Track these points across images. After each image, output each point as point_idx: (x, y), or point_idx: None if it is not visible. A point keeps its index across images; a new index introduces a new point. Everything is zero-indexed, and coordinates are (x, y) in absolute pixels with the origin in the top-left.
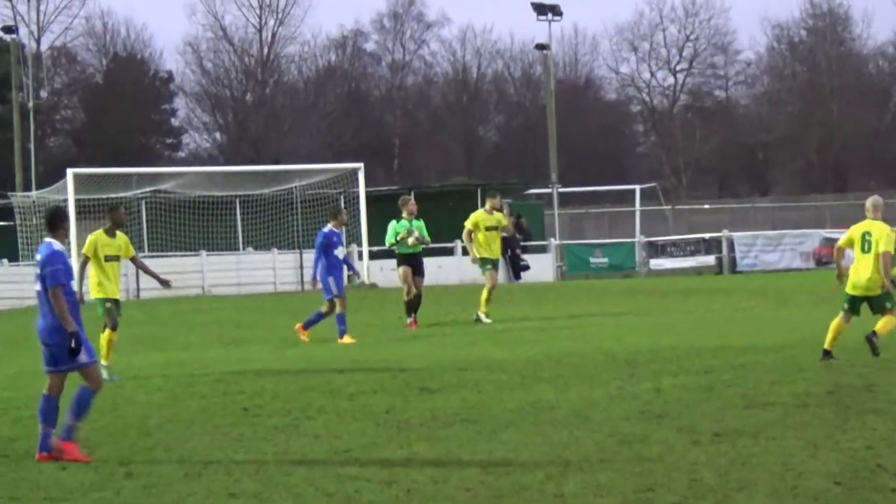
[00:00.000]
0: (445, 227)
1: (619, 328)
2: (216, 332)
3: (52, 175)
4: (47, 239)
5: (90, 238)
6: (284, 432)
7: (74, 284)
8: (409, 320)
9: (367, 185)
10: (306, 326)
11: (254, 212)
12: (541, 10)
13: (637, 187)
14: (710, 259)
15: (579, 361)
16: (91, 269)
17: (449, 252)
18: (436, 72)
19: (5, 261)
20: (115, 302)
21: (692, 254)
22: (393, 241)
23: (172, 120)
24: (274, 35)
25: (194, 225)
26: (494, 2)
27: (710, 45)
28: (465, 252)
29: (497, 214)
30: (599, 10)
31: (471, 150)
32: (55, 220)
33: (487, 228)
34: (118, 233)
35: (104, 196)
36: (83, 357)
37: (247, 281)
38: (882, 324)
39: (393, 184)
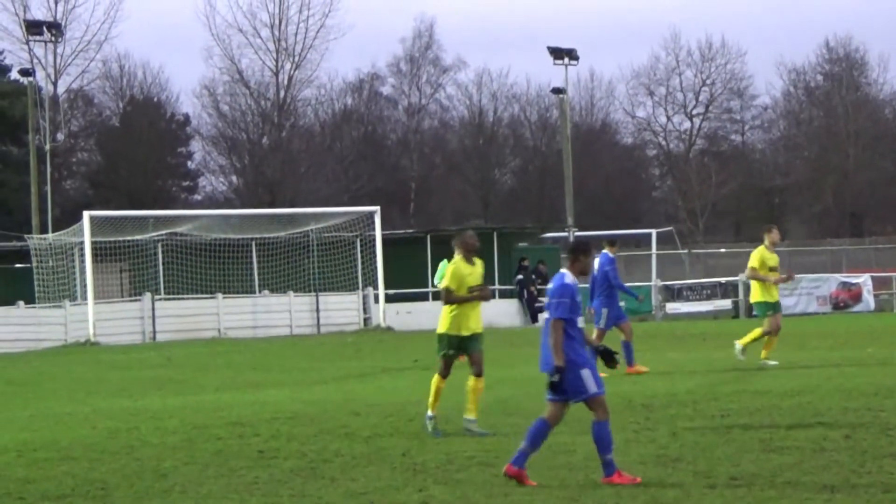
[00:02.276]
0: None
1: (631, 374)
2: (232, 375)
3: (68, 218)
4: (563, 270)
5: (451, 269)
6: (300, 475)
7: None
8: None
9: (383, 228)
10: (630, 363)
11: (270, 255)
12: (557, 54)
13: (653, 231)
14: (727, 303)
15: None
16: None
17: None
18: (452, 115)
19: (21, 303)
20: (471, 338)
21: (708, 297)
22: (439, 282)
23: (189, 163)
24: (290, 78)
25: (210, 268)
26: (511, 46)
27: (727, 89)
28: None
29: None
30: (616, 55)
31: (487, 194)
32: (576, 252)
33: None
34: (475, 259)
35: (120, 238)
36: (591, 388)
37: (263, 324)
38: None
39: (409, 227)
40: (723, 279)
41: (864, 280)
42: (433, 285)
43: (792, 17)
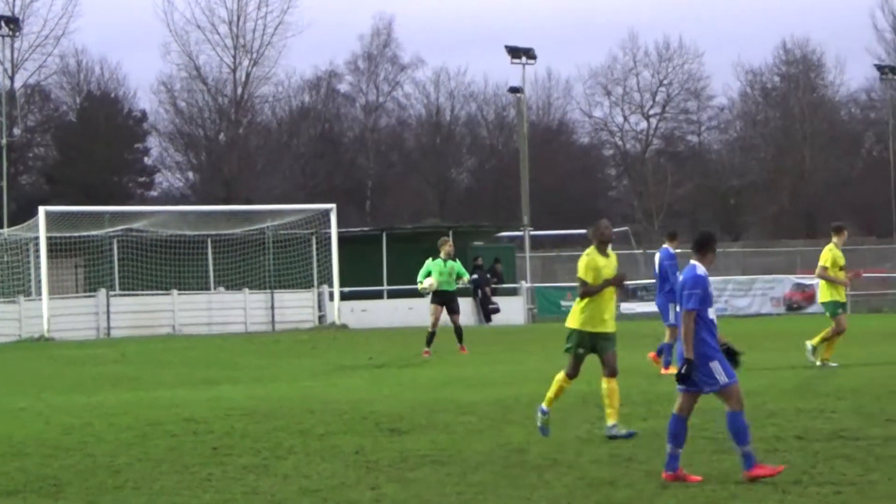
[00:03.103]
0: (417, 269)
1: (589, 372)
2: (186, 372)
3: (24, 213)
4: (693, 262)
5: (585, 261)
6: (254, 472)
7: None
8: (426, 349)
9: (339, 226)
10: (666, 365)
11: (225, 251)
12: (515, 53)
13: None
14: None
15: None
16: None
17: (420, 294)
18: (409, 114)
19: None
20: (605, 337)
21: None
22: (421, 280)
23: (145, 159)
24: (248, 75)
25: (166, 264)
26: (469, 45)
27: (684, 90)
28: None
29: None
30: (573, 55)
31: (443, 193)
32: (704, 244)
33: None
34: (609, 251)
35: (76, 234)
36: (722, 378)
37: (218, 320)
38: None
39: (365, 225)
40: None
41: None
42: (418, 282)
43: (749, 19)
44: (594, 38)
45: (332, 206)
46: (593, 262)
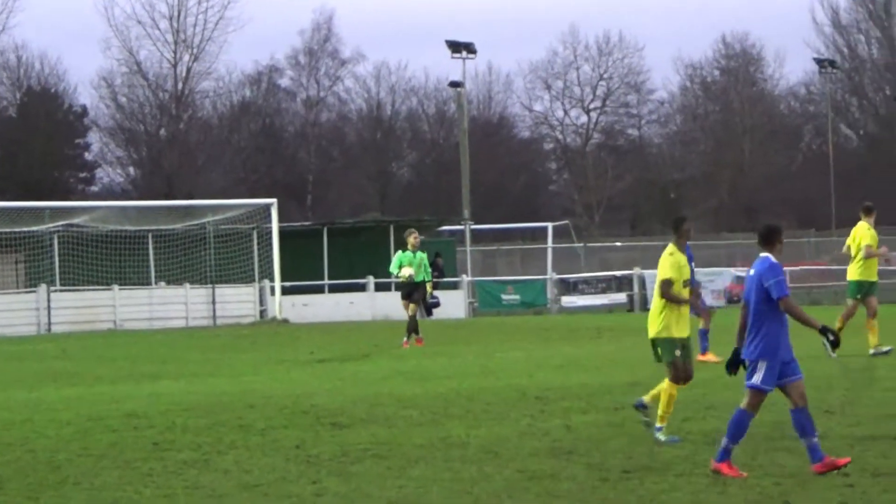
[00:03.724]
0: (358, 263)
1: (530, 365)
2: (127, 367)
3: None
4: (764, 254)
5: (669, 260)
6: (195, 467)
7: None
8: (419, 337)
9: (280, 220)
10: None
11: (166, 246)
12: (455, 48)
13: (549, 225)
14: (622, 296)
15: (490, 398)
16: (658, 300)
17: (361, 288)
18: (350, 108)
19: None
20: (686, 343)
21: (604, 291)
22: (396, 271)
23: (86, 154)
24: (189, 70)
25: (107, 259)
26: (409, 39)
27: (624, 84)
28: (378, 288)
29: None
30: (514, 49)
31: (384, 187)
32: (770, 236)
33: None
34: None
35: (16, 229)
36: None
37: (159, 315)
38: None
39: (306, 220)
40: (618, 273)
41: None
42: (392, 273)
43: (689, 13)
44: (534, 33)
45: (273, 200)
46: (677, 262)
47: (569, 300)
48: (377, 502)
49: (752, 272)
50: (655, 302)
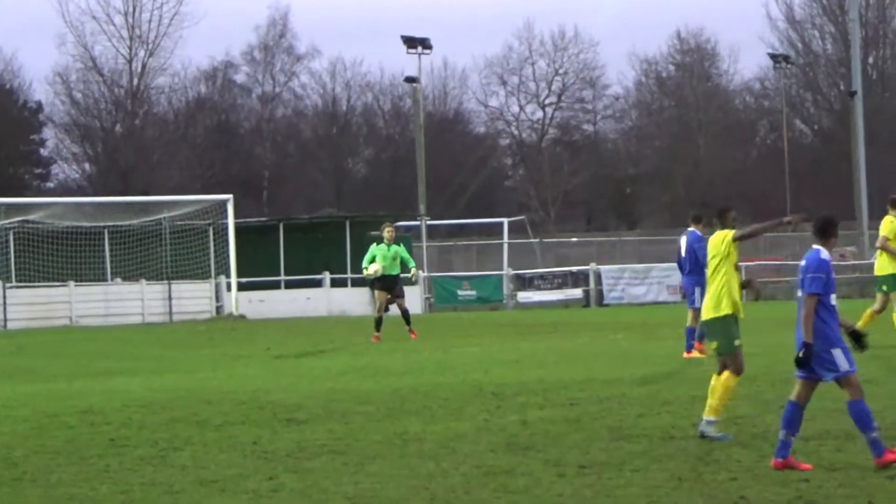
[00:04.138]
0: (314, 259)
1: (486, 360)
2: (83, 363)
3: None
4: (816, 246)
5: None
6: (151, 463)
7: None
8: (376, 334)
9: (235, 216)
10: (688, 349)
11: (122, 243)
12: (411, 43)
13: (505, 220)
14: (578, 292)
15: (446, 394)
16: (720, 275)
17: (317, 284)
18: (306, 104)
19: None
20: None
21: (559, 287)
22: (366, 265)
23: (41, 150)
24: (144, 66)
25: (62, 255)
26: (365, 35)
27: (579, 79)
28: (334, 284)
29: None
30: (469, 44)
31: (340, 183)
32: (827, 228)
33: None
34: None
35: None
36: (843, 366)
37: (115, 312)
38: None
39: (262, 215)
40: (574, 268)
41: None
42: (363, 269)
43: (644, 8)
44: (489, 28)
45: (229, 196)
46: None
47: (525, 296)
48: (333, 498)
49: (803, 262)
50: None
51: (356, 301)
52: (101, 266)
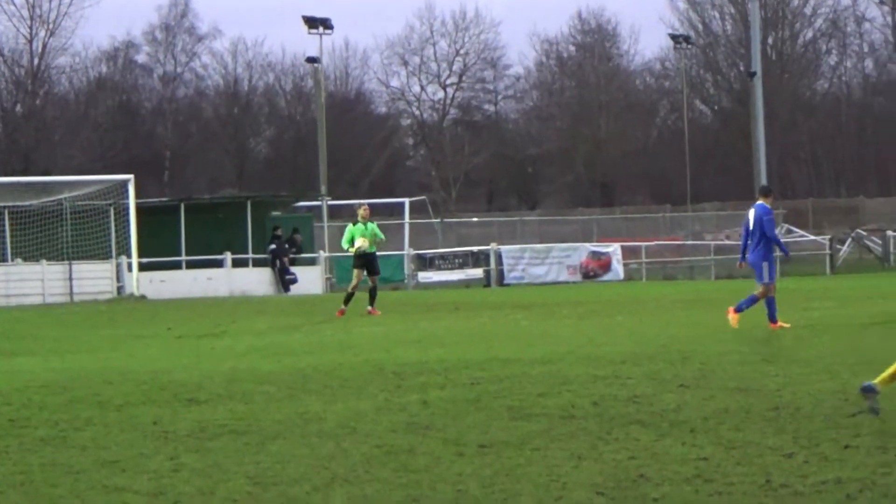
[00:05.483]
0: (215, 240)
1: (388, 340)
2: None
3: None
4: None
5: None
6: (51, 444)
7: None
8: (342, 308)
9: (137, 197)
10: (738, 309)
11: (22, 223)
12: (312, 23)
13: (406, 200)
14: (478, 272)
15: (347, 373)
16: None
17: (219, 264)
18: (207, 84)
19: None
20: None
21: (460, 267)
22: (347, 245)
23: None
24: (45, 46)
25: None
26: (266, 15)
27: (480, 59)
28: (236, 264)
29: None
30: (370, 25)
31: (242, 163)
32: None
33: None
34: None
35: None
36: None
37: (15, 292)
38: None
39: (163, 196)
40: (475, 248)
41: (613, 249)
42: (344, 246)
43: None
44: (391, 9)
45: (130, 176)
46: None
47: (426, 276)
48: (234, 477)
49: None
50: None
51: (257, 281)
52: (1, 246)
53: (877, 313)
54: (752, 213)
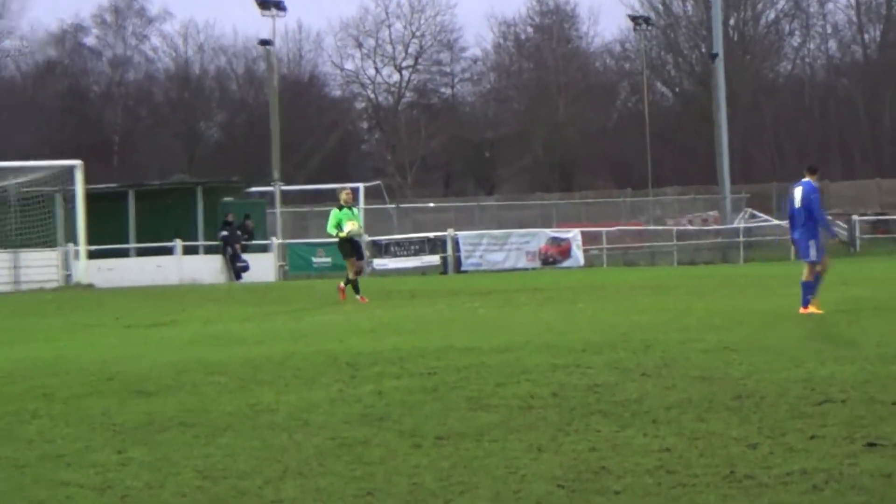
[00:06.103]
0: (165, 226)
1: (342, 329)
2: None
3: None
4: None
5: None
6: None
7: None
8: (359, 297)
9: (86, 182)
10: (805, 304)
11: None
12: (264, 5)
13: (361, 185)
14: (435, 259)
15: (300, 363)
16: None
17: (168, 252)
18: (157, 67)
19: None
20: None
21: (416, 253)
22: (334, 231)
23: None
24: None
25: None
26: None
27: (436, 41)
28: (186, 251)
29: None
30: (324, 7)
31: (193, 148)
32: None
33: None
34: None
35: None
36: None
37: None
38: None
39: (112, 181)
40: (431, 234)
41: (573, 235)
42: (331, 232)
43: None
44: None
45: (78, 162)
46: None
47: (381, 262)
48: (183, 471)
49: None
50: None
51: (208, 269)
52: None
53: (841, 299)
54: (798, 192)
